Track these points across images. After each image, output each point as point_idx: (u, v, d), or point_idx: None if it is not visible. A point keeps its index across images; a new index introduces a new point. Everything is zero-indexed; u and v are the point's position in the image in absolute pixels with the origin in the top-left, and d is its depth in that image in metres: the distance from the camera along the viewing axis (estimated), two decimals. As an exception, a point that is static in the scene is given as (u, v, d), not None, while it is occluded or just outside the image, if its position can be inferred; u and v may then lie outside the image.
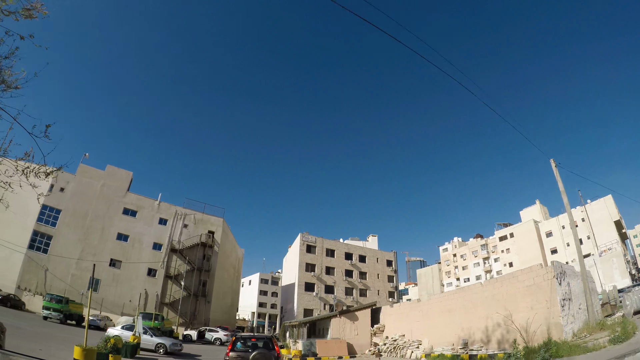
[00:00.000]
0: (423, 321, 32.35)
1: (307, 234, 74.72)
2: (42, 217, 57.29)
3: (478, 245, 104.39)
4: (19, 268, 54.08)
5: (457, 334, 28.11)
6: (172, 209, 64.33)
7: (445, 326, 29.38)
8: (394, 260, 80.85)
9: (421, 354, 30.30)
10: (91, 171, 61.84)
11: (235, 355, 16.26)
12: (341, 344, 34.91)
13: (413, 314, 33.89)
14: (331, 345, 34.61)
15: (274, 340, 17.78)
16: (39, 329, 30.87)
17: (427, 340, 31.17)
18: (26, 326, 30.67)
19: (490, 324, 25.26)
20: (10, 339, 21.06)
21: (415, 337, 33.07)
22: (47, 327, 35.60)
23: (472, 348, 26.29)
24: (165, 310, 58.10)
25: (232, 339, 17.59)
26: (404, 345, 33.20)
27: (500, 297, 24.80)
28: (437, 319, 30.62)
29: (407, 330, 34.31)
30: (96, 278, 56.60)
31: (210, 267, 63.81)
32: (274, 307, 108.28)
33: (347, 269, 74.97)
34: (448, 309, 29.41)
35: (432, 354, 28.48)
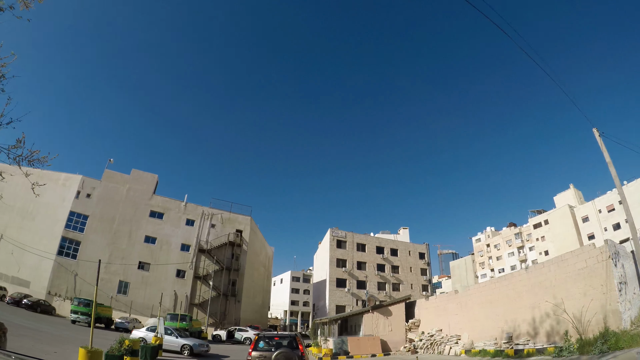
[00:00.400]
0: (461, 314, 30.02)
1: (336, 229, 72.87)
2: (69, 223, 57.65)
3: (512, 234, 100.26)
4: (49, 274, 54.55)
5: (500, 327, 25.73)
6: (198, 209, 63.58)
7: (487, 319, 27.00)
8: (427, 252, 78.20)
9: (460, 349, 28.04)
10: (116, 176, 61.96)
11: (257, 354, 15.43)
12: (374, 340, 32.88)
13: (450, 307, 31.54)
14: (364, 342, 32.63)
15: (298, 338, 16.59)
16: (62, 332, 30.08)
17: (467, 335, 28.87)
18: (50, 330, 29.96)
19: (538, 315, 22.79)
20: (27, 342, 21.10)
21: (453, 331, 30.80)
22: (72, 330, 34.91)
23: (518, 342, 23.88)
24: (195, 311, 57.24)
25: (255, 337, 16.73)
26: (442, 340, 30.97)
27: (548, 284, 22.29)
28: (477, 311, 28.24)
29: (445, 325, 32.05)
30: (125, 281, 56.55)
31: (240, 266, 62.63)
32: (306, 304, 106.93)
33: (378, 263, 72.78)
34: (489, 300, 26.97)
35: (472, 350, 26.22)
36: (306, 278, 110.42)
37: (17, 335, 22.44)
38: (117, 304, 54.38)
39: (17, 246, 55.67)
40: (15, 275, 54.90)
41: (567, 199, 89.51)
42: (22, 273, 55.04)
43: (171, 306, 56.18)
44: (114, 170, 62.70)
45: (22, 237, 56.52)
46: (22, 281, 54.59)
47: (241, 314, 60.32)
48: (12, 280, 54.49)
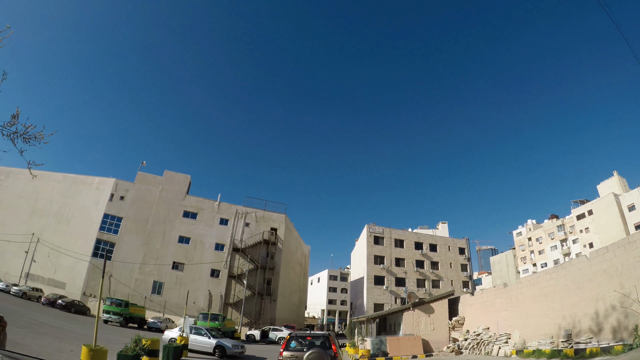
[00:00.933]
0: (511, 310, 27.04)
1: (373, 225, 70.41)
2: (104, 225, 57.92)
3: (554, 226, 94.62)
4: (84, 275, 54.76)
5: (556, 324, 22.77)
6: (232, 208, 62.50)
7: (541, 314, 24.00)
8: (467, 247, 74.64)
9: (511, 350, 25.18)
10: (149, 178, 61.90)
11: (288, 354, 14.82)
12: (415, 340, 30.34)
13: (499, 302, 28.55)
14: (404, 342, 30.13)
15: (331, 338, 15.77)
16: (88, 331, 28.86)
17: (518, 334, 25.98)
18: (76, 329, 29.01)
19: (602, 308, 19.74)
20: (45, 339, 19.76)
21: (502, 329, 27.91)
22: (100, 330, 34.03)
23: (578, 340, 20.93)
24: (230, 310, 56.03)
25: (287, 337, 15.98)
26: (489, 340, 28.14)
27: (614, 272, 19.20)
28: (529, 306, 25.25)
29: (492, 322, 29.16)
30: (159, 281, 55.99)
31: (275, 264, 61.06)
32: (343, 303, 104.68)
33: (417, 259, 69.79)
34: (543, 293, 23.91)
35: (525, 350, 23.36)
36: (343, 276, 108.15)
37: (37, 333, 21.60)
38: (152, 304, 53.83)
39: (53, 249, 56.26)
40: (51, 277, 55.44)
41: (611, 187, 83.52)
42: (58, 275, 55.54)
43: (205, 306, 55.17)
44: (146, 172, 62.86)
45: (58, 240, 57.12)
46: (58, 283, 55.00)
47: (276, 314, 58.73)
48: (49, 282, 55.06)
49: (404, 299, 64.23)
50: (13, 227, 59.52)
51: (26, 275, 56.40)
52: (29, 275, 56.20)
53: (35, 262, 56.85)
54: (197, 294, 55.93)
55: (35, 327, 24.23)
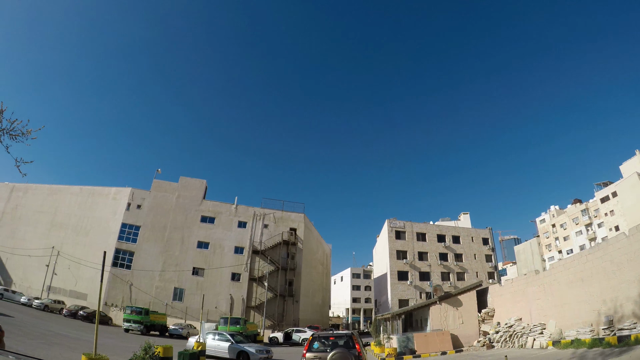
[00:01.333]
0: (545, 298, 25.27)
1: (394, 219, 68.71)
2: (122, 235, 57.79)
3: (578, 211, 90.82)
4: (105, 286, 54.18)
5: (595, 310, 21.04)
6: (250, 210, 61.58)
7: (578, 301, 22.25)
8: (490, 237, 72.35)
9: (547, 341, 23.50)
10: (165, 185, 61.61)
11: (312, 356, 14.48)
12: (444, 336, 28.72)
13: (531, 291, 26.75)
14: (432, 338, 28.55)
15: (354, 337, 15.19)
16: (105, 340, 28.13)
17: (554, 323, 24.28)
18: (92, 338, 28.11)
19: (647, 291, 18.19)
20: (56, 350, 19.09)
21: (536, 319, 26.19)
22: (119, 339, 33.47)
23: (622, 327, 19.26)
24: (252, 313, 55.05)
25: (309, 338, 15.50)
26: (523, 331, 26.46)
27: (658, 249, 17.64)
28: (565, 292, 23.47)
29: (525, 312, 27.44)
30: (180, 288, 55.40)
31: (296, 265, 59.77)
32: (367, 301, 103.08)
33: (441, 252, 67.85)
34: (579, 278, 22.12)
35: (562, 341, 21.71)
36: (366, 274, 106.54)
37: (50, 344, 21.02)
38: (173, 310, 53.21)
39: (73, 261, 56.24)
40: (72, 289, 55.44)
41: (635, 166, 79.53)
42: (79, 286, 55.48)
43: (227, 310, 54.32)
44: (162, 180, 62.50)
45: (78, 252, 57.14)
46: (79, 294, 54.90)
47: (300, 315, 57.51)
48: (70, 293, 55.07)
49: (429, 293, 62.54)
50: (33, 242, 59.97)
51: (48, 288, 56.57)
52: (50, 288, 56.37)
53: (57, 275, 56.98)
54: (218, 299, 55.16)
55: (50, 337, 23.52)
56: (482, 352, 27.19)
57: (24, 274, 59.27)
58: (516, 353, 23.68)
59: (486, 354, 25.98)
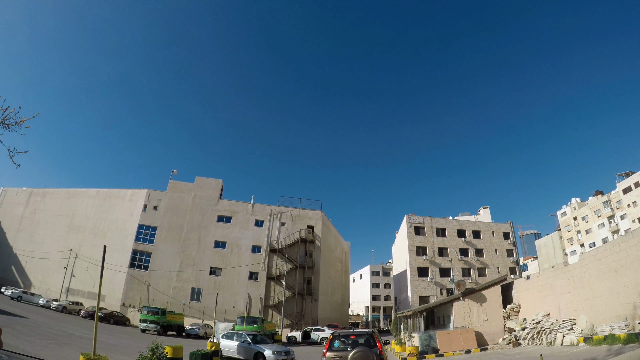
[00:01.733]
0: (575, 292, 23.79)
1: (413, 215, 67.32)
2: (139, 236, 57.77)
3: (599, 203, 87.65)
4: (122, 287, 54.46)
5: (630, 303, 19.54)
6: (266, 209, 60.81)
7: (611, 293, 20.76)
8: (511, 231, 70.38)
9: (578, 337, 22.11)
10: (181, 185, 61.36)
11: (332, 355, 14.19)
12: (467, 334, 27.38)
13: (559, 284, 25.25)
14: (455, 336, 27.23)
15: (375, 335, 14.97)
16: (119, 341, 27.73)
17: (584, 318, 22.85)
18: (108, 339, 27.68)
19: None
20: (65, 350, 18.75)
21: (565, 314, 24.74)
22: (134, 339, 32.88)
23: (661, 321, 17.94)
24: (270, 312, 54.28)
25: (330, 337, 15.20)
26: (551, 327, 25.02)
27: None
28: (596, 285, 21.97)
29: (553, 307, 25.96)
30: (197, 287, 54.99)
31: (314, 263, 58.79)
32: (387, 299, 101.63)
33: (461, 247, 66.24)
34: (612, 268, 20.62)
35: (595, 337, 20.34)
36: (386, 271, 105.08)
37: (60, 344, 20.81)
38: (191, 310, 52.78)
39: (91, 263, 56.26)
40: (90, 291, 55.54)
41: None
42: (97, 287, 55.16)
43: (245, 309, 53.77)
44: (178, 180, 62.27)
45: (95, 254, 57.01)
46: (97, 295, 54.65)
47: (319, 313, 56.54)
48: (88, 295, 55.21)
49: (450, 290, 61.12)
50: (52, 245, 60.42)
51: (66, 290, 56.84)
52: (69, 290, 56.61)
53: (75, 277, 57.20)
54: (236, 298, 54.58)
55: (62, 338, 23.05)
56: (509, 350, 25.86)
57: (43, 277, 59.72)
58: (545, 351, 22.32)
59: (513, 352, 24.66)
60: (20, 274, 62.15)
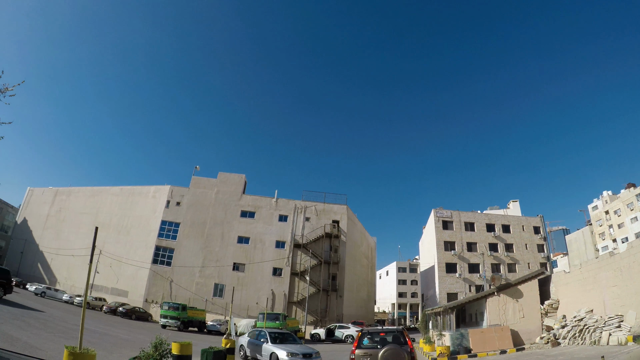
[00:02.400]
0: (622, 285, 21.37)
1: (441, 209, 64.97)
2: (162, 232, 57.39)
3: (632, 195, 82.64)
4: (145, 282, 54.12)
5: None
6: (290, 203, 59.41)
7: (667, 288, 18.63)
8: (542, 225, 67.23)
9: (626, 335, 19.88)
10: (203, 181, 60.68)
11: (362, 353, 13.42)
12: (503, 332, 25.18)
13: (604, 277, 22.80)
14: (489, 335, 25.04)
15: (405, 333, 14.23)
16: (135, 336, 26.60)
17: (634, 315, 20.51)
18: (123, 334, 26.80)
19: None
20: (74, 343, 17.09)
21: (611, 310, 22.38)
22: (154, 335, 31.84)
23: None
24: (294, 309, 52.91)
25: (358, 334, 14.57)
26: (595, 325, 22.68)
27: None
28: (648, 278, 19.84)
29: (597, 303, 23.59)
30: (220, 283, 54.14)
31: (339, 258, 57.07)
32: (414, 296, 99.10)
33: (490, 242, 63.52)
34: (669, 260, 18.52)
35: (647, 335, 18.19)
36: (412, 268, 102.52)
37: (68, 338, 18.85)
38: (214, 307, 51.86)
39: (114, 259, 56.00)
40: (114, 287, 55.40)
41: None
42: (121, 284, 55.41)
43: (269, 306, 52.49)
44: (200, 176, 61.52)
45: (119, 250, 57.03)
46: (120, 291, 54.78)
47: (344, 310, 54.84)
48: (112, 291, 55.04)
49: (480, 286, 58.86)
50: (77, 242, 60.51)
51: (91, 286, 56.58)
52: (93, 286, 56.39)
53: (99, 273, 56.91)
54: (259, 294, 53.43)
55: (72, 332, 21.82)
56: (548, 350, 23.66)
57: (68, 273, 60.04)
58: (590, 351, 20.14)
59: (553, 352, 22.47)
60: (46, 271, 62.69)
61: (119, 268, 55.62)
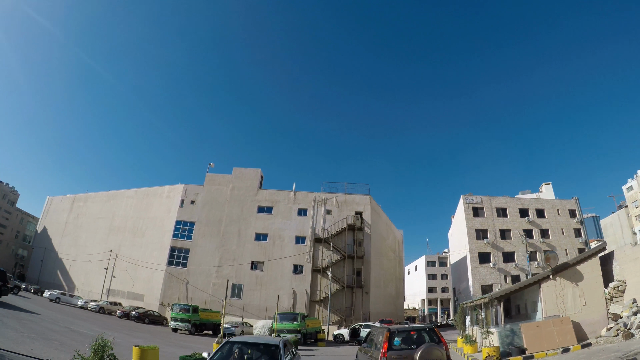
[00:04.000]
0: None
1: (470, 194, 59.01)
2: (177, 232, 53.55)
3: None
4: (160, 285, 50.22)
5: None
6: (309, 196, 54.19)
7: None
8: (577, 208, 60.21)
9: None
10: (218, 178, 56.29)
11: (395, 355, 10.82)
12: (563, 325, 19.37)
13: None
14: (546, 330, 19.21)
15: (437, 330, 11.85)
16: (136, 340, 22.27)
17: None
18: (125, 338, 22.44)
19: None
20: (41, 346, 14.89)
21: None
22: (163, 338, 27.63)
23: None
24: (317, 308, 47.81)
25: (386, 334, 11.40)
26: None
27: None
28: None
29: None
30: (238, 283, 49.71)
31: (364, 252, 51.35)
32: (444, 290, 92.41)
33: (524, 228, 57.10)
34: None
35: None
36: (442, 261, 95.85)
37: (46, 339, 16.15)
38: (232, 308, 47.29)
39: (130, 263, 52.74)
40: (130, 290, 52.07)
41: None
42: (137, 287, 51.93)
43: (290, 305, 47.62)
44: (215, 173, 57.20)
45: (135, 253, 53.71)
46: (136, 295, 51.19)
47: (370, 307, 49.31)
48: (128, 295, 51.82)
49: (516, 276, 53.03)
50: (94, 248, 58.09)
51: (107, 291, 53.73)
52: (110, 290, 53.38)
53: (115, 278, 54.13)
54: (280, 293, 48.34)
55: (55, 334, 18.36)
56: (621, 344, 17.98)
57: (85, 279, 57.29)
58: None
59: (632, 347, 16.85)
60: (65, 278, 60.08)
61: (135, 271, 52.08)
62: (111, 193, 63.73)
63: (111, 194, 63.59)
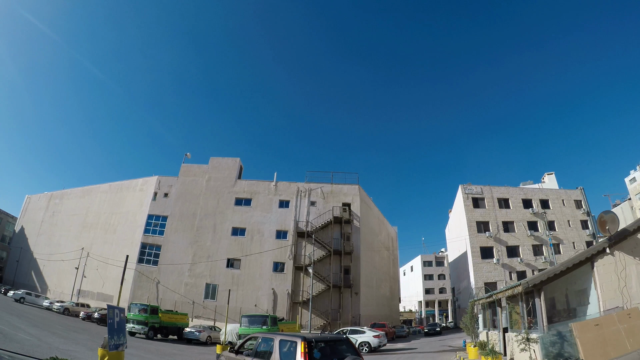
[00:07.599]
0: None
1: (469, 184, 51.46)
2: (148, 227, 46.06)
3: None
4: (130, 284, 42.43)
5: None
6: (292, 186, 46.58)
7: None
8: (583, 198, 52.68)
9: None
10: (193, 169, 49.01)
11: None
12: (632, 320, 11.64)
13: None
14: (610, 328, 11.40)
15: (349, 341, 9.39)
16: (76, 347, 15.84)
17: None
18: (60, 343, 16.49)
19: None
20: None
21: None
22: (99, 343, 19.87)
23: None
24: (300, 310, 40.07)
25: (303, 344, 8.22)
26: None
27: None
28: None
29: None
30: (213, 283, 41.94)
31: (352, 247, 43.41)
32: (442, 291, 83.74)
33: (529, 220, 49.62)
34: None
35: None
36: (439, 261, 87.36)
37: None
38: (205, 311, 39.64)
39: (101, 261, 45.29)
40: (100, 291, 45.01)
41: None
42: (106, 288, 44.57)
43: (270, 307, 39.86)
44: (191, 164, 49.85)
45: (106, 251, 46.44)
46: (106, 296, 43.74)
47: (361, 310, 41.26)
48: (98, 296, 44.74)
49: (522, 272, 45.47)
50: (67, 246, 51.04)
51: (77, 292, 46.50)
52: (80, 291, 46.28)
53: (86, 278, 47.27)
54: (258, 294, 40.97)
55: None
56: None
57: (58, 280, 50.42)
58: None
59: None
60: (38, 278, 53.00)
61: (105, 271, 44.52)
62: (86, 189, 56.49)
63: (86, 189, 56.35)
